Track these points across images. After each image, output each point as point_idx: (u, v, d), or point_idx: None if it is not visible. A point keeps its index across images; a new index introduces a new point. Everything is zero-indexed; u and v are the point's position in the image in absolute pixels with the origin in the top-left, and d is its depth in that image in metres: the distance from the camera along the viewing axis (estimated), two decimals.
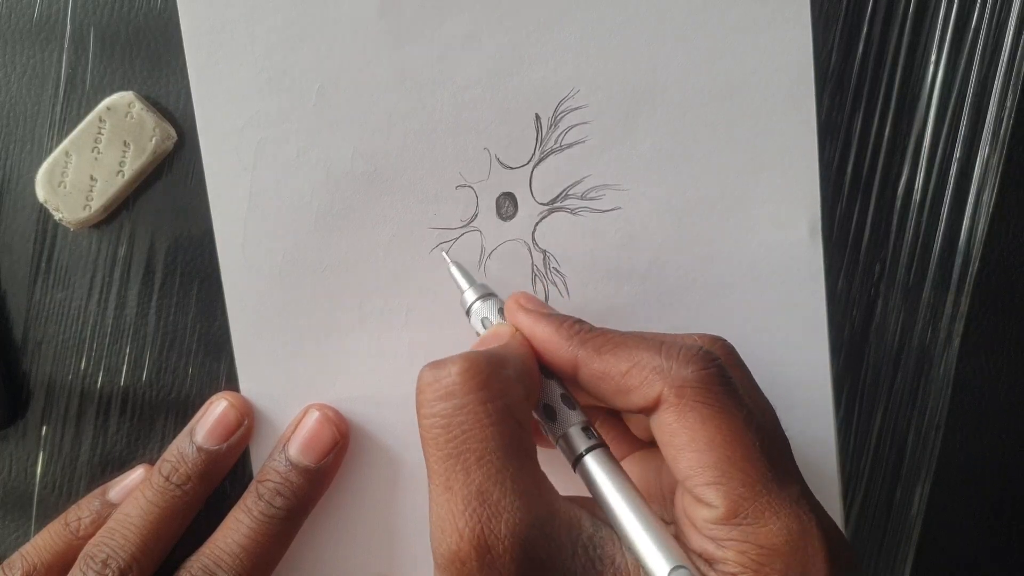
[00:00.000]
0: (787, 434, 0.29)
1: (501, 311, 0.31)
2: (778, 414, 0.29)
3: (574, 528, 0.25)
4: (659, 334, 0.29)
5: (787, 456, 0.27)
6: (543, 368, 0.29)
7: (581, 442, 0.27)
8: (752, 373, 0.29)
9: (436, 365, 0.26)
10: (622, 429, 0.32)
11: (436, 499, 0.25)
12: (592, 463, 0.27)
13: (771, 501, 0.24)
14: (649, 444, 0.32)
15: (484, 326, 0.31)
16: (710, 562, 0.24)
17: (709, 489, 0.24)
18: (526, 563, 0.24)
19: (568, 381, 0.29)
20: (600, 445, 0.27)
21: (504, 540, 0.24)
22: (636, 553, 0.25)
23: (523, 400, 0.27)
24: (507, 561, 0.24)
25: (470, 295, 0.32)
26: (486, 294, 0.32)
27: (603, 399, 0.27)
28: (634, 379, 0.26)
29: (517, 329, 0.29)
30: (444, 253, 0.35)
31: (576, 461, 0.27)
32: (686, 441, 0.25)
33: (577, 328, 0.28)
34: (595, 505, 0.27)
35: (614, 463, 0.27)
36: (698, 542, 0.25)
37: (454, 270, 0.33)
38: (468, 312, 0.32)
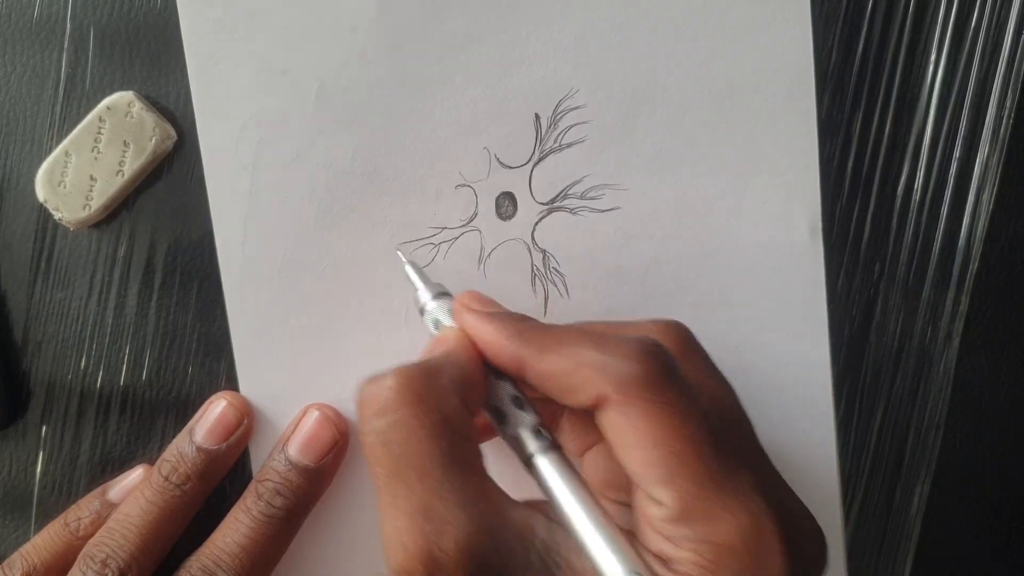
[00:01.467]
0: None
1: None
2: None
3: (527, 535, 0.25)
4: (604, 324, 0.28)
5: (744, 443, 0.26)
6: (493, 369, 0.28)
7: (531, 444, 0.27)
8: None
9: (372, 380, 0.26)
10: (587, 419, 0.32)
11: (383, 516, 0.25)
12: (542, 466, 0.26)
13: (721, 496, 0.24)
14: None
15: (436, 328, 0.30)
16: (666, 562, 0.24)
17: (658, 488, 0.24)
18: (477, 574, 0.24)
19: (518, 381, 0.28)
20: (551, 447, 0.27)
21: (450, 553, 0.24)
22: (590, 558, 0.24)
23: (461, 409, 0.26)
24: (457, 573, 0.24)
25: (423, 295, 0.31)
26: (439, 293, 0.31)
27: (553, 398, 0.27)
28: (576, 378, 0.25)
29: (464, 333, 0.29)
30: (398, 251, 0.33)
31: (527, 462, 0.27)
32: (632, 439, 0.24)
33: (520, 327, 0.27)
34: (552, 508, 0.26)
35: (565, 464, 0.26)
36: (655, 542, 0.24)
37: (409, 269, 0.32)
38: (422, 312, 0.31)
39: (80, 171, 0.34)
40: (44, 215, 0.35)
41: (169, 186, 0.35)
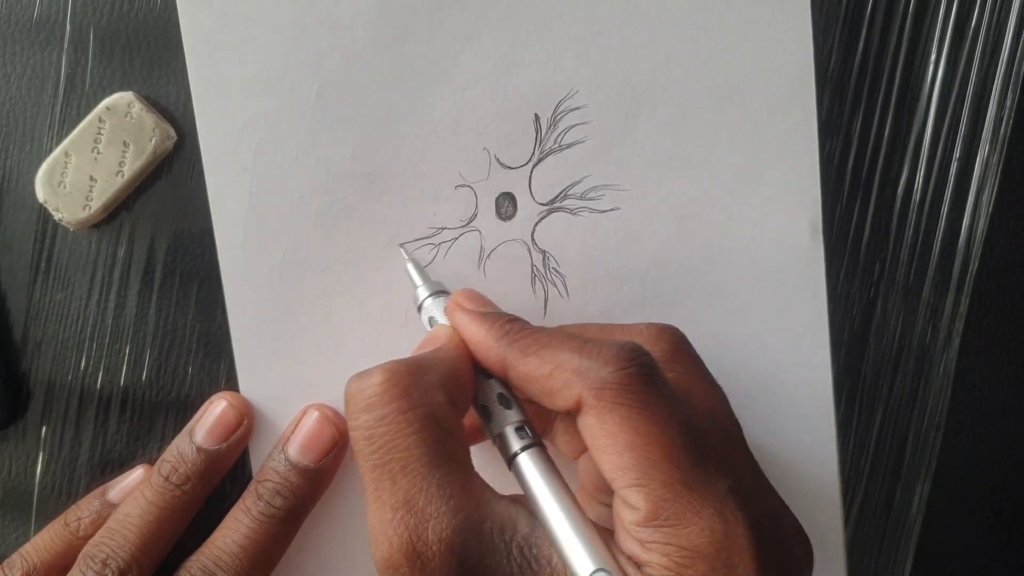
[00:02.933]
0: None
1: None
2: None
3: (508, 529, 0.25)
4: (598, 327, 0.29)
5: (725, 449, 0.26)
6: (482, 369, 0.29)
7: (514, 442, 0.27)
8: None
9: (360, 376, 0.27)
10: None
11: (369, 508, 0.26)
12: (524, 463, 0.27)
13: (692, 501, 0.24)
14: None
15: (430, 325, 0.31)
16: (638, 565, 0.24)
17: (631, 491, 0.24)
18: (458, 566, 0.24)
19: (504, 382, 0.29)
20: (533, 445, 0.27)
21: (432, 545, 0.24)
22: (561, 553, 0.25)
23: (447, 406, 0.27)
24: (438, 564, 0.24)
25: (421, 292, 0.32)
26: (437, 292, 0.32)
27: (535, 400, 0.27)
28: (556, 381, 0.26)
29: (455, 331, 0.29)
30: (401, 248, 0.35)
31: (510, 461, 0.27)
32: (606, 444, 0.25)
33: (507, 328, 0.28)
34: None
35: (547, 463, 0.27)
36: (627, 544, 0.25)
37: (409, 266, 0.33)
38: (419, 309, 0.32)
39: (80, 171, 0.34)
40: (44, 215, 0.35)
41: (169, 186, 0.35)
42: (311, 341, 0.35)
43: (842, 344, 0.37)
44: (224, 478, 0.35)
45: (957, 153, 0.37)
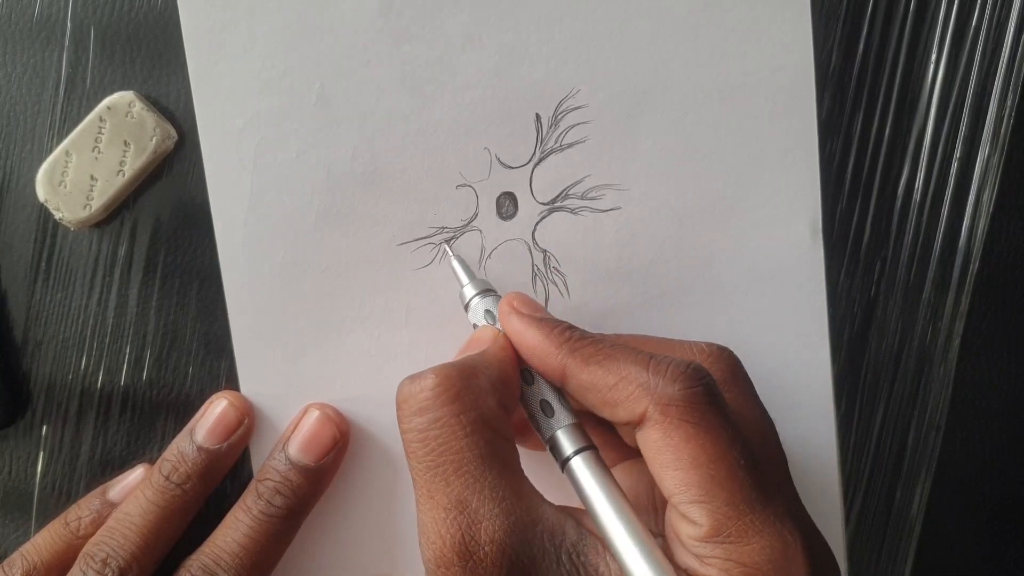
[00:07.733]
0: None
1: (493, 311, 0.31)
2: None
3: (557, 535, 0.25)
4: (655, 341, 0.29)
5: (778, 472, 0.27)
6: (530, 372, 0.29)
7: (567, 446, 0.27)
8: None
9: (412, 379, 0.27)
10: (614, 436, 0.32)
11: (421, 507, 0.26)
12: (578, 467, 0.27)
13: (754, 520, 0.24)
14: (640, 454, 0.32)
15: (476, 326, 0.31)
16: None
17: (693, 507, 0.25)
18: (508, 568, 0.25)
19: (558, 387, 0.29)
20: (587, 448, 0.27)
21: (485, 546, 0.25)
22: (620, 560, 0.25)
23: (497, 409, 0.27)
24: (489, 565, 0.25)
25: (468, 290, 0.32)
26: (484, 290, 0.32)
27: (591, 409, 0.27)
28: (620, 393, 0.26)
29: (501, 333, 0.29)
30: (447, 245, 0.35)
31: (563, 464, 0.27)
32: (671, 459, 0.25)
33: (567, 335, 0.28)
34: (583, 514, 0.27)
35: (602, 467, 0.27)
36: (683, 557, 0.25)
37: (455, 263, 0.33)
38: (466, 307, 0.32)
39: (81, 171, 0.34)
40: (44, 215, 0.35)
41: (170, 186, 0.35)
42: (311, 341, 0.35)
43: (842, 344, 0.37)
44: (224, 477, 0.35)
45: (957, 153, 0.37)
